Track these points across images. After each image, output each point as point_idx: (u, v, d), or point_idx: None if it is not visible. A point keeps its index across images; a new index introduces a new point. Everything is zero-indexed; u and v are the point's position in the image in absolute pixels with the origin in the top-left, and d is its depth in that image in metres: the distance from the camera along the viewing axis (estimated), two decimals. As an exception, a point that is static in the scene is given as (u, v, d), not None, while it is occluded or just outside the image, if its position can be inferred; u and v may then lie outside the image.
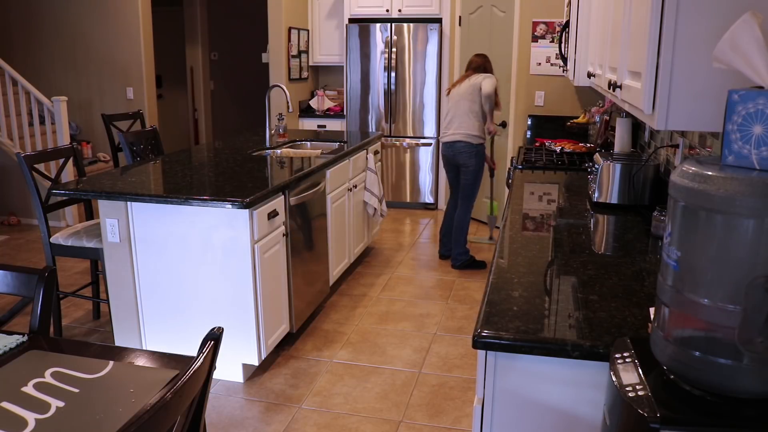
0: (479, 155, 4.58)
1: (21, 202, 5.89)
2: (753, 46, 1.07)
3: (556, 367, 1.44)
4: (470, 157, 4.55)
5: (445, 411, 2.88)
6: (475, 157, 4.56)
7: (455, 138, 4.54)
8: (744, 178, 0.99)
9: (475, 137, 4.53)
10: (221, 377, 3.11)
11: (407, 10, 6.19)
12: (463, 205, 4.68)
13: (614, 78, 1.95)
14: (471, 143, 4.53)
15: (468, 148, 4.54)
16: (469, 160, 4.56)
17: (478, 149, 4.56)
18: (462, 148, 4.54)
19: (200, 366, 1.27)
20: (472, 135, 4.52)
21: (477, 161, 4.58)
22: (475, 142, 4.53)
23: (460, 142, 4.53)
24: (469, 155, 4.55)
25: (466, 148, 4.53)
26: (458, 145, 4.55)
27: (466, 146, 4.53)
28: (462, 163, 4.59)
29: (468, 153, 4.55)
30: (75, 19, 6.78)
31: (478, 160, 4.58)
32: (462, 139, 4.53)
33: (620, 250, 2.12)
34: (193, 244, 2.96)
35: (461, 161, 4.58)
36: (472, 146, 4.54)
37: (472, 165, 4.57)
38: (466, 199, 4.67)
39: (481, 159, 4.59)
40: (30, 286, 1.87)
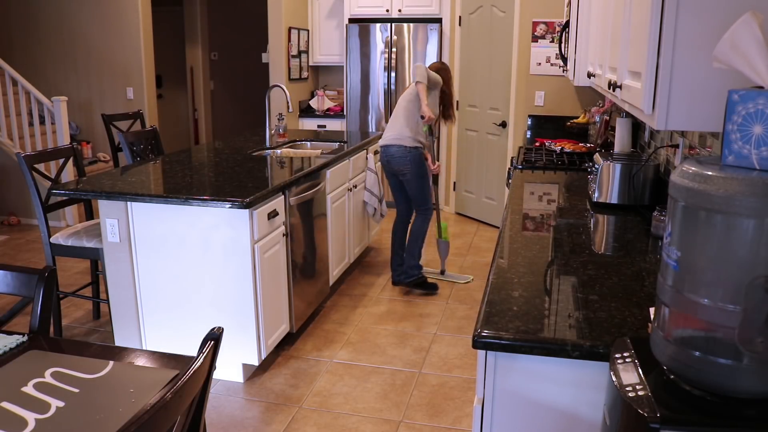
0: (415, 160, 4.06)
1: (21, 202, 5.89)
2: (753, 46, 1.07)
3: (556, 367, 1.44)
4: (405, 162, 4.06)
5: (445, 411, 2.88)
6: (410, 162, 4.06)
7: (386, 141, 4.11)
8: (744, 178, 0.99)
9: (408, 139, 4.04)
10: (221, 377, 3.11)
11: (407, 10, 6.19)
12: (419, 213, 4.21)
13: (614, 78, 1.95)
14: (404, 146, 4.04)
15: (401, 153, 4.05)
16: (404, 166, 4.07)
17: (413, 154, 4.05)
18: (395, 153, 4.06)
19: (200, 366, 1.27)
20: (404, 137, 4.04)
21: (414, 167, 4.07)
22: (408, 144, 4.04)
23: (391, 146, 4.07)
24: (402, 160, 4.06)
25: (399, 152, 4.05)
26: (390, 150, 4.08)
27: (398, 150, 4.05)
28: (398, 170, 4.11)
29: (401, 158, 4.06)
30: (75, 19, 6.78)
31: (414, 166, 4.07)
32: (393, 143, 4.06)
33: (620, 250, 2.12)
34: (193, 244, 2.96)
35: (396, 167, 4.11)
36: (405, 150, 4.04)
37: (409, 171, 4.08)
38: (420, 208, 4.21)
39: (418, 163, 4.08)
40: (30, 286, 1.86)
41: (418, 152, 4.08)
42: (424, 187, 4.13)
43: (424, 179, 4.12)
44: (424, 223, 4.20)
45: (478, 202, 6.01)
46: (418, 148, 4.08)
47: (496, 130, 5.63)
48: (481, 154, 5.88)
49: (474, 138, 5.96)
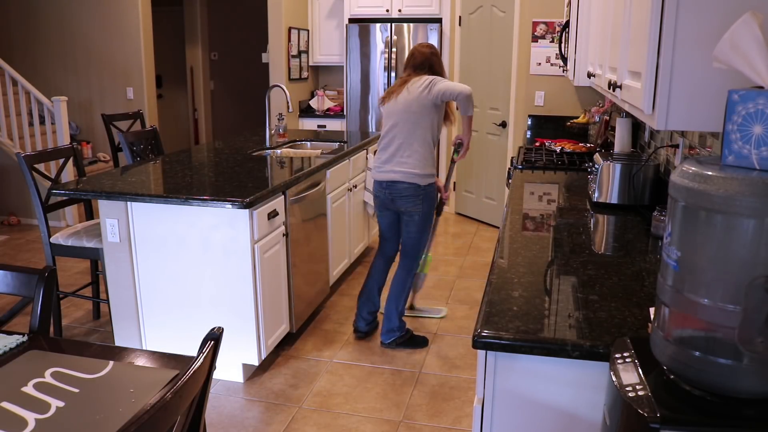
0: (429, 197, 3.27)
1: (21, 202, 5.89)
2: (753, 46, 1.07)
3: (556, 367, 1.44)
4: (416, 202, 3.24)
5: (445, 411, 2.88)
6: (423, 201, 3.25)
7: (394, 177, 3.23)
8: (744, 178, 0.99)
9: (423, 176, 3.21)
10: (221, 377, 3.11)
11: (407, 10, 6.18)
12: (404, 264, 3.44)
13: (614, 78, 1.95)
14: (418, 185, 3.21)
15: (413, 191, 3.22)
16: (414, 206, 3.25)
17: (427, 191, 3.24)
18: (404, 191, 3.23)
19: (200, 366, 1.27)
20: (419, 174, 3.20)
21: (426, 206, 3.28)
22: (423, 183, 3.21)
23: (401, 183, 3.22)
24: (414, 200, 3.24)
25: (411, 190, 3.22)
26: (399, 187, 3.23)
27: (410, 188, 3.21)
28: (404, 210, 3.29)
29: (413, 197, 3.23)
30: (75, 19, 6.78)
31: (427, 204, 3.28)
32: (404, 180, 3.21)
33: (620, 250, 2.12)
34: (193, 244, 2.96)
35: (403, 207, 3.28)
36: (419, 189, 3.22)
37: (419, 212, 3.28)
38: (408, 257, 3.42)
39: (431, 201, 3.31)
40: (30, 286, 1.86)
41: (433, 188, 3.31)
42: (426, 231, 3.39)
43: (429, 220, 3.38)
44: (408, 277, 3.46)
45: (478, 202, 6.01)
46: (432, 186, 3.29)
47: (496, 130, 5.63)
48: (481, 154, 5.88)
49: (474, 138, 5.96)
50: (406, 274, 3.45)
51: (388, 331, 3.44)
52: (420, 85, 3.17)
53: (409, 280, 3.47)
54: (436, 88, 3.12)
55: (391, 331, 3.43)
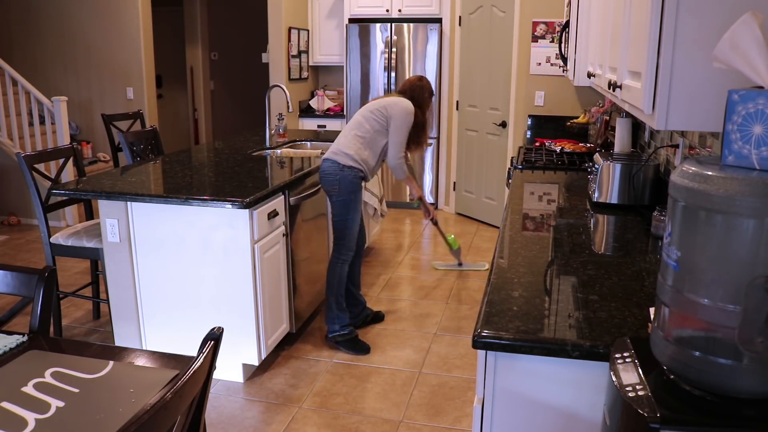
0: (346, 181, 3.25)
1: (21, 202, 5.89)
2: (753, 46, 1.07)
3: (556, 367, 1.44)
4: (333, 181, 3.27)
5: (445, 411, 2.88)
6: (340, 182, 3.26)
7: (325, 155, 3.37)
8: (744, 178, 0.99)
9: (344, 156, 3.26)
10: (221, 377, 3.11)
11: (407, 10, 6.19)
12: (335, 250, 3.39)
13: (614, 78, 1.95)
14: (337, 163, 3.26)
15: (332, 170, 3.27)
16: (332, 185, 3.28)
17: (345, 172, 3.25)
18: (327, 170, 3.29)
19: (200, 366, 1.27)
20: (340, 152, 3.28)
21: (343, 187, 3.27)
22: (342, 161, 3.26)
23: (325, 161, 3.32)
24: (332, 179, 3.27)
25: (331, 170, 3.27)
26: (324, 165, 3.32)
27: (331, 167, 3.27)
28: (326, 190, 3.34)
29: (331, 177, 3.27)
30: (75, 19, 6.78)
31: (344, 186, 3.26)
32: (328, 157, 3.31)
33: (620, 250, 2.12)
34: (193, 244, 2.96)
35: (324, 187, 3.35)
36: (336, 168, 3.26)
37: (335, 193, 3.28)
38: (337, 242, 3.38)
39: (349, 186, 3.27)
40: (30, 286, 1.86)
41: (353, 174, 3.27)
42: (347, 218, 3.31)
43: (349, 208, 3.30)
44: (336, 265, 3.37)
45: (478, 202, 6.02)
46: (354, 170, 3.27)
47: (496, 130, 5.63)
48: (481, 154, 5.88)
49: (474, 138, 5.96)
50: (335, 260, 3.37)
51: (328, 322, 3.42)
52: (388, 101, 3.33)
53: (338, 267, 3.36)
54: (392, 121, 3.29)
55: (331, 322, 3.40)
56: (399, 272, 4.65)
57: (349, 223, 3.33)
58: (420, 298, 4.18)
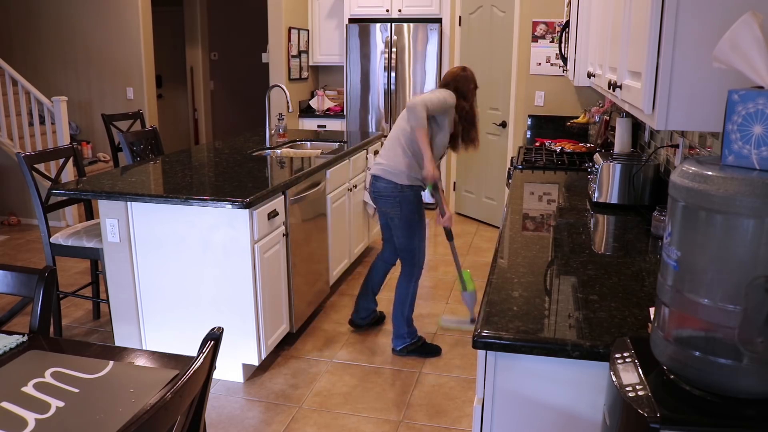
0: (407, 201, 3.16)
1: (21, 202, 5.89)
2: (753, 46, 1.07)
3: (556, 367, 1.44)
4: (394, 203, 3.17)
5: (445, 411, 2.88)
6: (400, 205, 3.16)
7: (375, 171, 3.21)
8: (744, 178, 0.99)
9: (399, 174, 3.12)
10: (221, 377, 3.11)
11: (407, 10, 6.19)
12: (403, 270, 3.35)
13: (614, 78, 1.95)
14: (394, 183, 3.13)
15: (389, 191, 3.15)
16: (392, 208, 3.18)
17: (405, 194, 3.14)
18: (383, 191, 3.17)
19: (200, 366, 1.27)
20: (397, 171, 3.12)
21: (406, 210, 3.17)
22: (399, 181, 3.13)
23: (379, 179, 3.18)
24: (391, 201, 3.17)
25: (387, 189, 3.15)
26: (378, 185, 3.19)
27: (387, 188, 3.15)
28: (385, 212, 3.25)
29: (391, 199, 3.17)
30: (75, 19, 6.78)
31: (406, 209, 3.17)
32: (381, 175, 3.16)
33: (620, 250, 2.12)
34: (193, 244, 2.96)
35: (383, 208, 3.24)
36: (395, 187, 3.14)
37: (398, 216, 3.19)
38: (405, 263, 3.32)
39: (410, 208, 3.18)
40: (30, 286, 1.86)
41: (413, 193, 3.18)
42: (413, 239, 3.23)
43: (414, 225, 3.21)
44: (408, 285, 3.32)
45: (478, 202, 6.01)
46: (414, 188, 3.17)
47: (496, 130, 5.63)
48: (481, 154, 5.87)
49: (474, 138, 5.95)
50: (406, 281, 3.32)
51: (396, 337, 3.37)
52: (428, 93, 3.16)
53: (411, 286, 3.32)
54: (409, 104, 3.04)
55: (401, 337, 3.34)
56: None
57: (416, 241, 3.25)
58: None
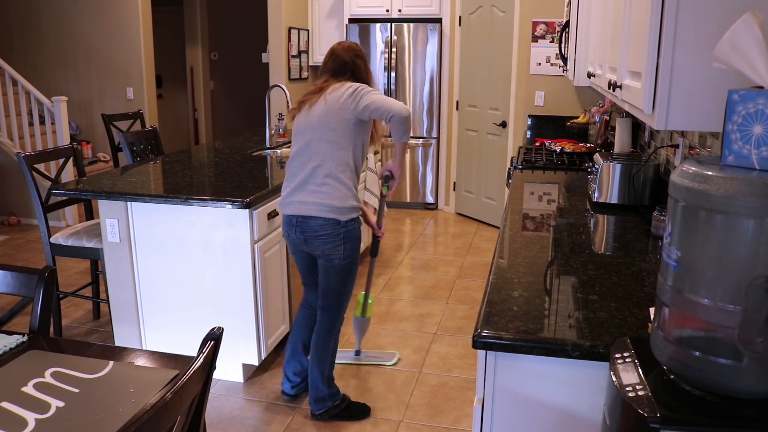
0: (351, 237, 2.57)
1: (21, 202, 5.89)
2: (753, 46, 1.07)
3: (556, 367, 1.44)
4: (336, 242, 2.54)
5: (445, 411, 2.88)
6: (344, 242, 2.55)
7: (306, 211, 2.52)
8: (744, 178, 0.99)
9: (343, 210, 2.51)
10: (221, 377, 3.11)
11: (407, 10, 6.19)
12: (324, 320, 2.70)
13: (614, 78, 1.95)
14: (337, 220, 2.51)
15: (331, 229, 2.52)
16: (333, 248, 2.55)
17: (349, 228, 2.55)
18: (320, 230, 2.52)
19: (200, 366, 1.27)
20: (337, 207, 2.50)
21: (348, 248, 2.57)
22: (343, 218, 2.52)
23: (314, 219, 2.51)
24: (333, 240, 2.53)
25: (329, 228, 2.52)
26: (313, 224, 2.52)
27: (326, 225, 2.51)
28: (321, 254, 2.59)
29: (332, 237, 2.53)
30: (75, 19, 6.78)
31: (350, 246, 2.58)
32: (318, 215, 2.50)
33: (620, 250, 2.12)
34: (193, 244, 2.96)
35: (319, 250, 2.57)
36: (337, 226, 2.52)
37: (339, 256, 2.57)
38: (329, 312, 2.69)
39: (355, 242, 2.59)
40: (30, 286, 1.86)
41: (357, 225, 2.60)
42: (347, 283, 2.66)
43: (353, 267, 2.65)
44: (329, 338, 2.72)
45: (478, 202, 6.01)
46: (356, 220, 2.59)
47: (496, 130, 5.63)
48: (481, 154, 5.88)
49: (474, 138, 5.96)
50: (327, 332, 2.71)
51: (316, 401, 2.76)
52: (342, 95, 2.48)
53: (332, 340, 2.73)
54: (364, 101, 2.45)
55: (321, 401, 2.75)
56: (399, 272, 4.65)
57: (349, 286, 2.69)
58: (420, 298, 4.18)
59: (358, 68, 2.61)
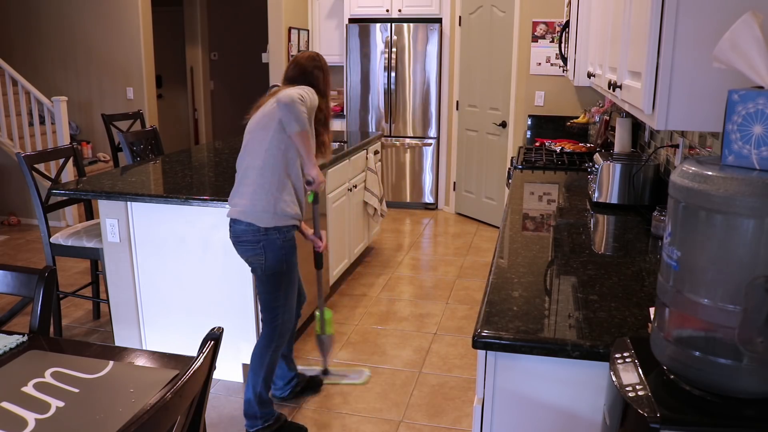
0: (273, 246, 2.42)
1: (21, 202, 5.89)
2: (753, 46, 1.07)
3: (556, 367, 1.44)
4: (256, 250, 2.43)
5: (445, 411, 2.88)
6: (264, 250, 2.42)
7: (232, 214, 2.45)
8: (744, 178, 0.99)
9: (263, 215, 2.40)
10: (221, 377, 3.11)
11: (407, 10, 6.19)
12: (262, 333, 2.58)
13: (614, 78, 1.95)
14: (257, 227, 2.40)
15: (251, 235, 2.42)
16: (254, 256, 2.45)
17: (270, 237, 2.41)
18: (241, 235, 2.44)
19: (200, 366, 1.27)
20: (257, 211, 2.40)
21: (270, 258, 2.43)
22: (262, 224, 2.40)
23: (238, 223, 2.44)
24: (253, 247, 2.43)
25: (249, 234, 2.42)
26: (236, 229, 2.45)
27: (247, 231, 2.42)
28: (247, 261, 2.51)
29: (252, 244, 2.43)
30: (75, 19, 6.78)
31: (271, 256, 2.43)
32: (239, 218, 2.42)
33: (620, 250, 2.12)
34: (193, 244, 2.96)
35: (243, 257, 2.50)
36: (258, 233, 2.41)
37: (261, 265, 2.45)
38: (265, 325, 2.56)
39: (278, 252, 2.44)
40: (30, 286, 1.87)
41: (283, 235, 2.44)
42: (277, 295, 2.50)
43: (279, 283, 2.49)
44: (265, 353, 2.56)
45: (478, 202, 6.01)
46: (281, 230, 2.43)
47: (496, 130, 5.63)
48: (481, 154, 5.88)
49: (474, 138, 5.96)
50: (264, 347, 2.56)
51: (247, 416, 2.61)
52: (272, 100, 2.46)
53: (268, 356, 2.56)
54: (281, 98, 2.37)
55: (252, 417, 2.59)
56: (399, 272, 4.65)
57: (282, 299, 2.51)
58: (420, 298, 4.18)
59: (316, 78, 2.58)
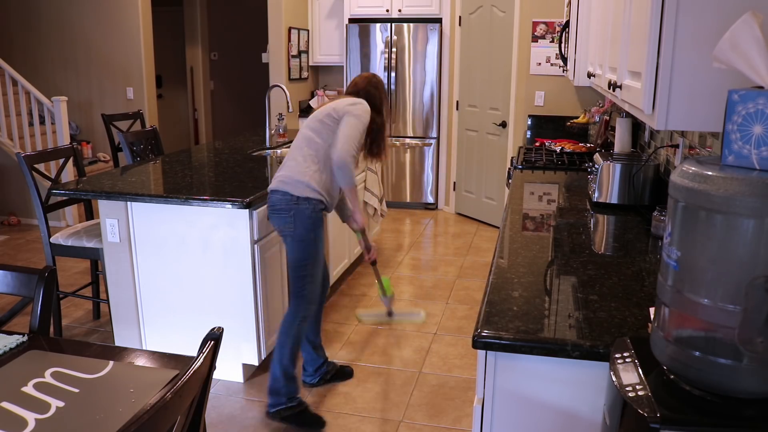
0: (303, 216, 2.61)
1: (21, 202, 5.89)
2: (753, 46, 1.07)
3: (556, 367, 1.44)
4: (287, 219, 2.62)
5: (445, 411, 2.88)
6: (294, 219, 2.61)
7: (272, 186, 2.68)
8: (744, 178, 0.99)
9: (297, 184, 2.60)
10: (221, 377, 3.11)
11: (407, 10, 6.19)
12: (290, 303, 2.73)
13: (614, 78, 1.95)
14: (290, 195, 2.60)
15: (285, 204, 2.61)
16: (285, 224, 2.63)
17: (301, 207, 2.60)
18: (276, 203, 2.63)
19: (200, 366, 1.27)
20: (292, 181, 2.61)
21: (300, 224, 2.61)
22: (295, 192, 2.60)
23: (274, 193, 2.65)
24: (285, 216, 2.62)
25: (283, 203, 2.61)
26: (273, 198, 2.65)
27: (282, 200, 2.61)
28: (278, 231, 2.69)
29: (285, 213, 2.62)
30: (75, 19, 6.78)
31: (302, 224, 2.61)
32: (277, 188, 2.64)
33: (620, 250, 2.12)
34: (193, 244, 2.96)
35: (276, 226, 2.69)
36: (290, 201, 2.60)
37: (291, 232, 2.63)
38: (293, 294, 2.71)
39: (307, 223, 2.62)
40: (30, 286, 1.86)
41: (311, 207, 2.62)
42: (306, 262, 2.65)
43: (308, 250, 2.64)
44: (293, 322, 2.70)
45: (478, 202, 6.02)
46: (312, 202, 2.61)
47: (496, 130, 5.63)
48: (481, 154, 5.88)
49: (474, 138, 5.96)
50: (291, 316, 2.70)
51: (271, 393, 2.73)
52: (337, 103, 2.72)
53: (295, 326, 2.69)
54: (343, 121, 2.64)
55: (275, 393, 2.71)
56: (399, 272, 4.65)
57: (309, 269, 2.66)
58: (420, 298, 4.18)
59: (371, 95, 2.88)
